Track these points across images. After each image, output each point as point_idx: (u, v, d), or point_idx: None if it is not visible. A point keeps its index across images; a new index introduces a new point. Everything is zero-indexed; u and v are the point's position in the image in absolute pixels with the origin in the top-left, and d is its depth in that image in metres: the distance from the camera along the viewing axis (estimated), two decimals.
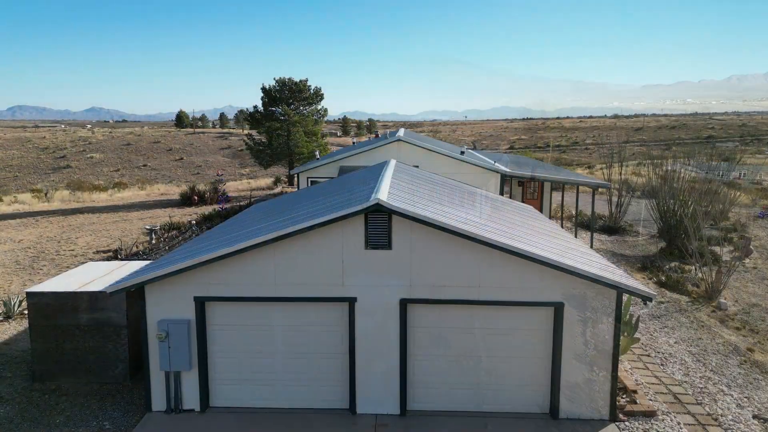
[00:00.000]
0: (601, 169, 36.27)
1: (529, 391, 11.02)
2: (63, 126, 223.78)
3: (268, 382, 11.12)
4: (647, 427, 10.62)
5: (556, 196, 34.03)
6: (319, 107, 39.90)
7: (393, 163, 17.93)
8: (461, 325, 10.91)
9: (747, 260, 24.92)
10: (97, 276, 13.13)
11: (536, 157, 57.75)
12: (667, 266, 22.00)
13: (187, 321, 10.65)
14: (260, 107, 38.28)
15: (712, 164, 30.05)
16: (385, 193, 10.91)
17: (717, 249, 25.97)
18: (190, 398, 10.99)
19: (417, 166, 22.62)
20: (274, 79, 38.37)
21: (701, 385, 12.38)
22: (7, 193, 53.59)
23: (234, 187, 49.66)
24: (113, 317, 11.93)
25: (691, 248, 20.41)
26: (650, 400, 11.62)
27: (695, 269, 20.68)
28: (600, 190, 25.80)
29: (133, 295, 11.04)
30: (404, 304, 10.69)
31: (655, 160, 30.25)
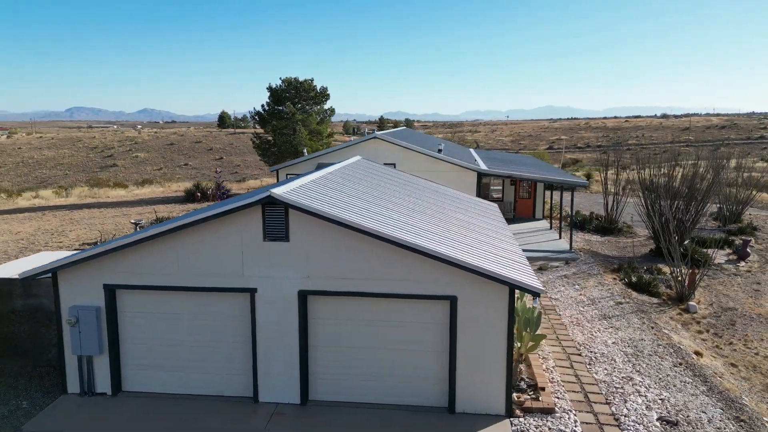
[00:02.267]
0: (598, 170, 35.45)
1: (428, 384, 11.09)
2: (115, 126, 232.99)
3: (178, 369, 11.56)
4: (540, 424, 10.54)
5: (561, 196, 33.48)
6: (326, 107, 40.52)
7: (352, 159, 18.19)
8: (361, 318, 11.08)
9: (743, 263, 24.00)
10: (40, 264, 13.86)
11: (548, 158, 56.79)
12: (645, 267, 21.43)
13: (97, 308, 11.20)
14: (269, 106, 39.19)
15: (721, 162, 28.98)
16: (288, 188, 11.19)
17: (714, 251, 25.23)
18: (102, 382, 11.54)
19: (394, 164, 22.82)
20: (281, 78, 39.39)
21: (619, 386, 12.15)
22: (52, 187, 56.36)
23: (254, 185, 50.86)
24: (45, 303, 12.60)
25: (666, 248, 19.84)
26: (557, 397, 11.49)
27: (671, 271, 20.10)
28: (589, 189, 25.27)
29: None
30: (303, 295, 10.94)
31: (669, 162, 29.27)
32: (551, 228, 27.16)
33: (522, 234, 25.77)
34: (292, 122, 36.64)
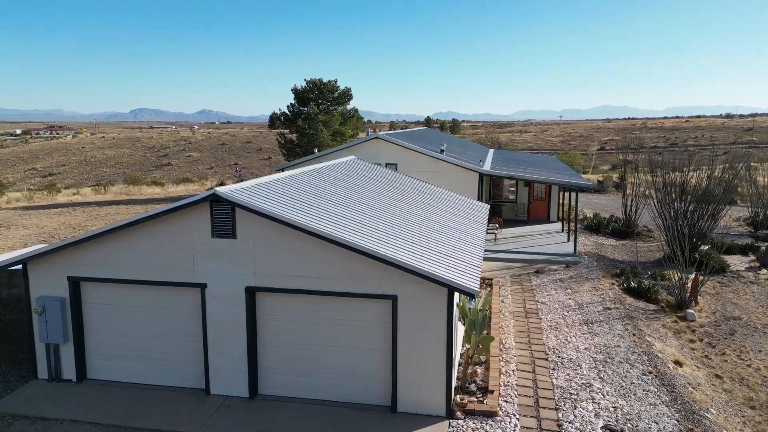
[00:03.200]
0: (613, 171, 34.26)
1: (372, 383, 11.17)
2: (173, 127, 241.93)
3: (138, 360, 12.06)
4: (478, 427, 10.44)
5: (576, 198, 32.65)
6: (349, 107, 40.93)
7: (344, 159, 18.42)
8: (307, 315, 11.27)
9: (764, 271, 22.81)
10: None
11: (579, 160, 55.28)
12: (649, 273, 20.69)
13: (62, 299, 11.83)
14: (294, 107, 39.96)
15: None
16: (240, 186, 11.51)
17: (737, 258, 24.08)
18: (68, 369, 12.18)
19: (396, 165, 22.91)
20: (305, 80, 40.13)
21: (575, 392, 11.87)
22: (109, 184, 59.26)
23: None
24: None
25: (672, 253, 19.09)
26: (505, 401, 11.35)
27: (674, 278, 19.34)
28: (620, 192, 24.47)
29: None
30: (251, 292, 11.23)
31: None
32: (563, 231, 26.57)
33: (529, 236, 25.35)
34: (314, 122, 37.24)
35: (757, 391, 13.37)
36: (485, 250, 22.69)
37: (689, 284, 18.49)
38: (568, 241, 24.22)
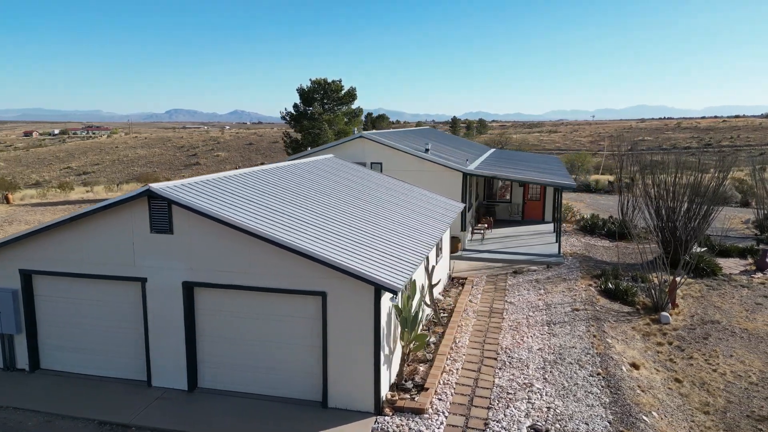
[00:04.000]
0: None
1: (305, 378, 11.28)
2: (205, 127, 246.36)
3: (86, 351, 12.43)
4: (402, 423, 10.46)
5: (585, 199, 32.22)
6: (353, 107, 41.16)
7: (318, 158, 18.61)
8: (243, 310, 11.45)
9: (759, 275, 22.10)
10: None
11: (590, 161, 54.29)
12: (631, 275, 20.27)
13: (14, 291, 12.28)
14: (299, 106, 40.42)
15: None
16: (181, 182, 11.79)
17: (732, 261, 23.40)
18: (22, 359, 12.63)
19: (381, 164, 22.98)
20: (310, 79, 40.52)
21: (512, 392, 11.76)
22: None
23: None
24: None
25: (661, 255, 18.71)
26: (439, 399, 11.32)
27: (655, 280, 18.92)
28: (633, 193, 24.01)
29: None
30: (188, 286, 11.47)
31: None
32: (554, 231, 26.20)
33: (518, 237, 25.10)
34: (318, 122, 37.58)
35: (716, 396, 13.04)
36: (468, 250, 22.63)
37: (665, 287, 18.08)
38: (556, 241, 23.89)
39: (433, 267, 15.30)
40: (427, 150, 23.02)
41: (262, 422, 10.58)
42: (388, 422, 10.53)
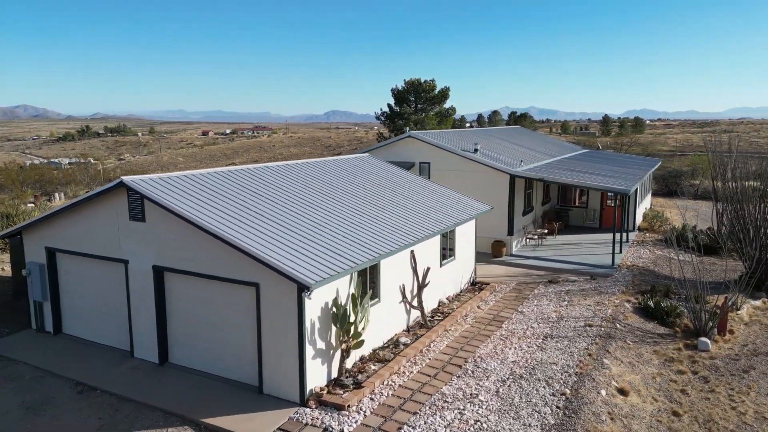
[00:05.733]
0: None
1: (248, 364, 11.89)
2: (356, 128, 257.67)
3: (90, 321, 14.22)
4: (317, 417, 10.66)
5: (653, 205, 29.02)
6: (447, 107, 40.60)
7: (350, 156, 19.16)
8: (200, 295, 12.35)
9: None
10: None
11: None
12: (685, 294, 17.97)
13: (41, 264, 14.43)
14: (392, 107, 41.00)
15: None
16: (159, 176, 13.06)
17: None
18: (48, 323, 14.78)
19: (429, 163, 22.90)
20: (404, 80, 40.81)
21: (450, 401, 11.32)
22: None
23: None
24: None
25: (733, 275, 16.50)
26: (370, 399, 11.32)
27: (714, 301, 16.68)
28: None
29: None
30: (158, 270, 12.66)
31: None
32: (627, 241, 24.02)
33: (579, 245, 23.45)
34: (409, 122, 37.87)
35: None
36: (515, 255, 21.65)
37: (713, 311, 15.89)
38: (621, 251, 21.95)
39: (428, 268, 15.05)
40: (475, 150, 22.39)
41: (201, 400, 11.37)
42: (306, 414, 10.78)
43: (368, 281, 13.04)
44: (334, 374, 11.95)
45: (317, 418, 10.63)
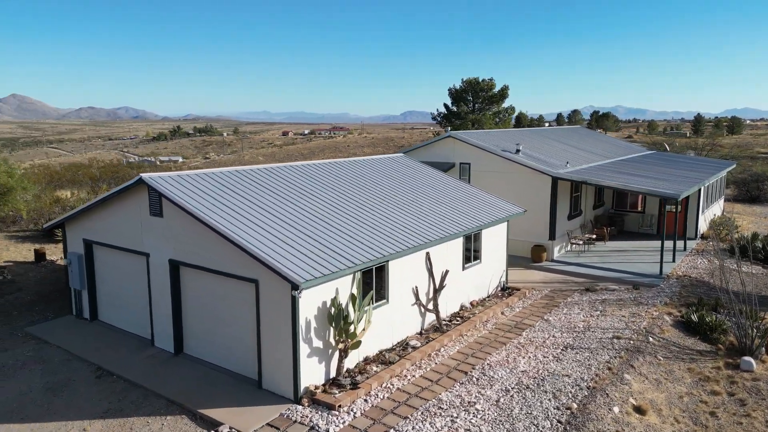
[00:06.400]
0: None
1: (250, 358, 12.13)
2: (430, 128, 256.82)
3: (121, 309, 15.01)
4: (307, 414, 10.71)
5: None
6: (506, 106, 39.40)
7: (382, 156, 19.19)
8: (211, 290, 12.71)
9: None
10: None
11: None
12: (739, 309, 16.54)
13: (79, 255, 15.38)
14: (449, 107, 40.38)
15: None
16: (180, 174, 13.59)
17: None
18: (86, 310, 15.73)
19: (469, 164, 22.48)
20: (462, 79, 40.00)
21: (445, 408, 11.02)
22: None
23: None
24: None
25: None
26: (364, 400, 11.24)
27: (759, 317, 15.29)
28: None
29: None
30: (174, 264, 13.17)
31: None
32: (685, 250, 22.46)
33: (628, 252, 22.22)
34: (466, 121, 37.23)
35: None
36: (557, 261, 20.80)
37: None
38: (673, 261, 20.58)
39: (446, 271, 14.76)
40: (517, 151, 21.68)
41: (203, 391, 11.73)
42: (297, 411, 10.85)
43: (375, 282, 12.94)
44: (333, 374, 11.95)
45: (306, 416, 10.68)
